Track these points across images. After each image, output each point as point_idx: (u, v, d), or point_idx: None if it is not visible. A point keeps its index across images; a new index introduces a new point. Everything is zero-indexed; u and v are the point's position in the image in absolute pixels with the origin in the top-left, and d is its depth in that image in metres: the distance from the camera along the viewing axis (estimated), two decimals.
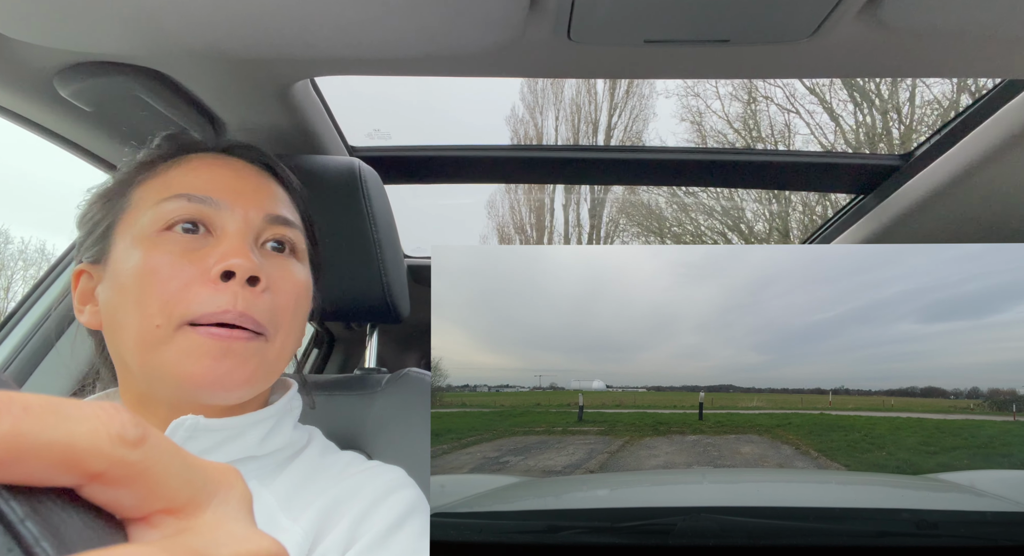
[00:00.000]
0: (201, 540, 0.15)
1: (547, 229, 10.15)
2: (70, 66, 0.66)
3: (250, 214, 0.52)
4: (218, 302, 0.48)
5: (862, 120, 6.55)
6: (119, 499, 0.14)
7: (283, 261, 0.54)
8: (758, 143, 7.63)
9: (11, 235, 8.46)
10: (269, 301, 0.50)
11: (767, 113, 7.55)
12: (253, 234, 0.52)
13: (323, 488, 0.54)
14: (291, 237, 0.55)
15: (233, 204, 0.52)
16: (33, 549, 0.12)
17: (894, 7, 0.55)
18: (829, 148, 7.00)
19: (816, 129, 7.07)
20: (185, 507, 0.15)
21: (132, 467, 0.14)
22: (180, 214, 0.51)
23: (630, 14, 0.56)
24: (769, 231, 7.08)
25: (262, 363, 0.50)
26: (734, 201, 7.57)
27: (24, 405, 0.13)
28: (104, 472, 0.14)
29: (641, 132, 9.56)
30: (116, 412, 0.14)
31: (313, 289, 0.59)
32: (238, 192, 0.53)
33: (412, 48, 0.62)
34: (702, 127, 8.05)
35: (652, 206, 8.28)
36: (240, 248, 0.49)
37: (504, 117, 10.05)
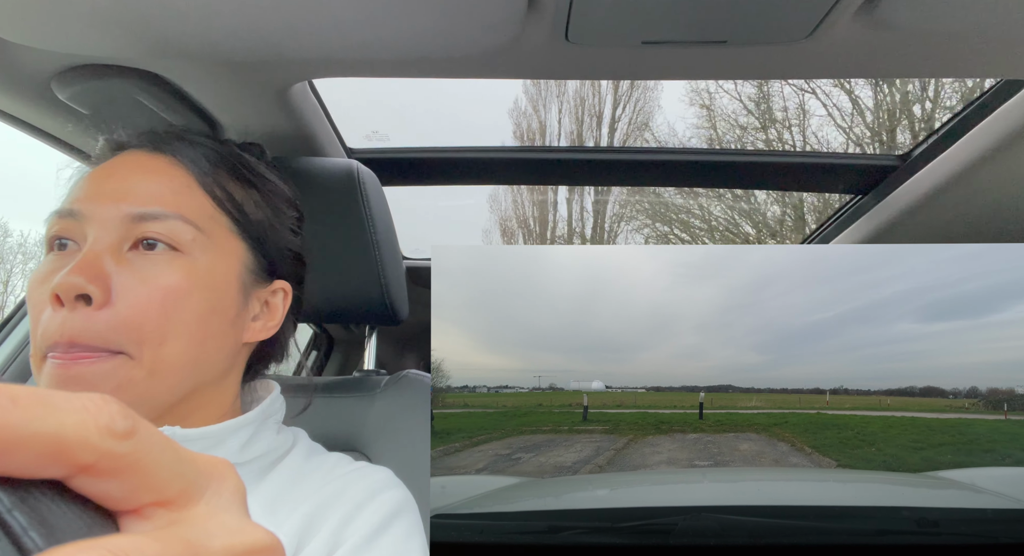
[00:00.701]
0: (193, 531, 0.15)
1: (550, 223, 10.09)
2: (68, 69, 0.66)
3: (110, 218, 0.48)
4: (48, 331, 0.45)
5: (882, 99, 6.39)
6: (109, 491, 0.14)
7: (153, 262, 0.48)
8: (772, 125, 7.45)
9: (10, 228, 8.44)
10: (111, 316, 0.45)
11: (781, 95, 7.35)
12: (116, 240, 0.48)
13: (307, 494, 0.52)
14: (162, 231, 0.49)
15: (93, 212, 0.48)
16: (21, 539, 0.12)
17: (891, 7, 0.55)
18: (847, 129, 6.85)
19: (833, 110, 6.87)
20: (177, 499, 0.15)
21: (122, 459, 0.14)
22: (55, 231, 0.49)
23: (627, 15, 0.56)
24: (782, 216, 6.91)
25: (126, 383, 0.46)
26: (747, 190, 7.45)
27: (12, 396, 0.13)
28: (93, 464, 0.14)
29: (646, 124, 9.45)
30: (105, 403, 0.14)
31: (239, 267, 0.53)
32: (102, 195, 0.49)
33: (410, 50, 0.62)
34: (712, 110, 7.87)
35: (659, 193, 8.16)
36: (82, 263, 0.46)
37: (507, 110, 9.94)
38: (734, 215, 7.54)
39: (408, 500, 0.55)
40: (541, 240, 10.06)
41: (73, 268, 0.45)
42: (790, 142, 7.38)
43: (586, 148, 1.41)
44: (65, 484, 0.14)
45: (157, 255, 0.49)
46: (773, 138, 7.48)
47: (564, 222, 10.06)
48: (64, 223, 0.49)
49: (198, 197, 0.52)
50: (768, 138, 7.52)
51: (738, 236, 7.59)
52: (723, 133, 7.90)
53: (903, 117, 6.19)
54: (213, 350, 0.51)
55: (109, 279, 0.46)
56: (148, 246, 0.49)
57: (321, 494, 0.52)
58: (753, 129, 7.68)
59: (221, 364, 0.53)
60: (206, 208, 0.52)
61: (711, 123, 7.95)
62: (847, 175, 1.07)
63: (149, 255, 0.48)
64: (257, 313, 0.55)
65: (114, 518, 0.15)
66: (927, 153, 0.95)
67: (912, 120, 6.04)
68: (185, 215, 0.50)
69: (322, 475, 0.55)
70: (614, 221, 9.56)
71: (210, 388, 0.53)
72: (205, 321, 0.50)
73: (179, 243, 0.49)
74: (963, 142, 0.87)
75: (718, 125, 7.94)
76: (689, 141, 8.22)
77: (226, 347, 0.52)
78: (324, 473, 0.55)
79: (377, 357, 0.96)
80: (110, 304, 0.46)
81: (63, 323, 0.45)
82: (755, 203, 7.19)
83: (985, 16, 0.55)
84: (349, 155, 1.02)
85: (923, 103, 5.99)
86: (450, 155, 1.07)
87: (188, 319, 0.48)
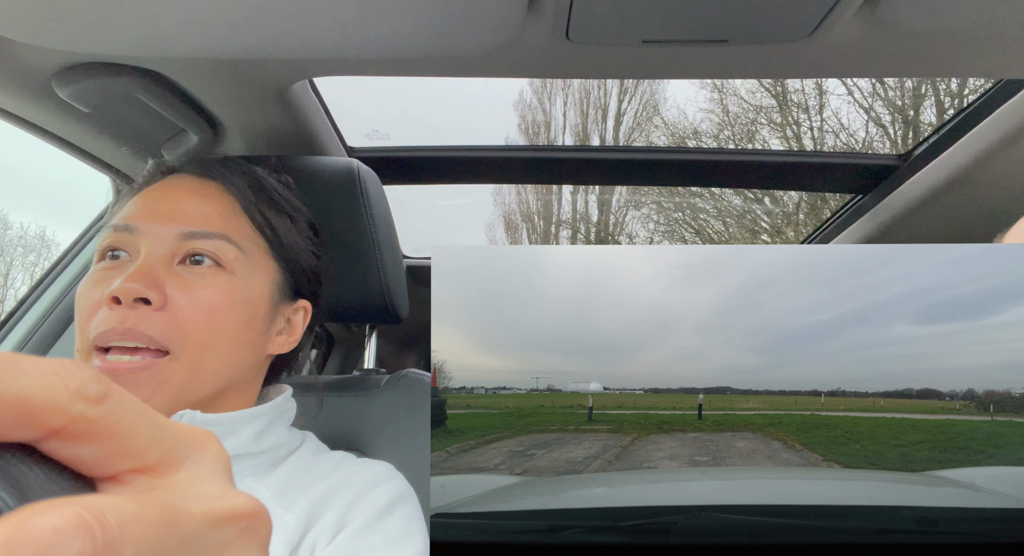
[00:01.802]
0: (173, 495, 0.14)
1: (555, 217, 10.02)
2: (68, 67, 0.66)
3: (163, 235, 0.54)
4: (108, 322, 0.50)
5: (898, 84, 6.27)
6: (84, 455, 0.14)
7: (200, 275, 0.54)
8: (789, 105, 7.29)
9: (10, 221, 8.42)
10: (166, 318, 0.51)
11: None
12: (167, 253, 0.54)
13: (314, 481, 0.57)
14: (209, 249, 0.55)
15: (148, 228, 0.55)
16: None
17: (892, 7, 0.55)
18: (868, 109, 6.74)
19: (854, 89, 6.73)
20: (156, 466, 0.15)
21: (94, 423, 0.14)
22: (107, 243, 0.55)
23: (628, 14, 0.57)
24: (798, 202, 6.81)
25: (166, 381, 0.51)
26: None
27: None
28: (64, 427, 0.13)
29: (655, 110, 9.34)
30: (76, 368, 0.14)
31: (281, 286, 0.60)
32: (157, 214, 0.56)
33: (410, 49, 0.62)
34: (724, 92, 7.71)
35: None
36: (140, 271, 0.51)
37: (512, 103, 9.84)
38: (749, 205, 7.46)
39: (409, 490, 0.59)
40: (546, 227, 9.98)
41: (131, 275, 0.51)
42: (807, 123, 7.28)
43: (587, 147, 1.41)
44: (38, 448, 0.14)
45: (203, 270, 0.55)
46: (790, 121, 7.39)
47: (569, 205, 9.95)
48: (120, 236, 0.55)
49: (241, 220, 0.58)
50: (785, 120, 7.42)
51: (743, 227, 7.50)
52: (735, 118, 7.78)
53: (926, 96, 6.07)
54: (244, 358, 0.56)
55: (164, 286, 0.52)
56: (195, 261, 0.55)
57: (328, 481, 0.56)
58: (768, 108, 7.53)
59: (248, 371, 0.58)
60: (247, 231, 0.58)
61: (723, 107, 7.84)
62: (847, 175, 1.07)
63: (196, 269, 0.54)
64: (281, 328, 0.61)
65: (92, 485, 0.15)
66: (927, 153, 0.95)
67: (939, 100, 5.93)
68: (230, 236, 0.56)
69: (328, 468, 0.59)
70: (620, 215, 9.49)
71: (234, 392, 0.58)
72: (240, 332, 0.55)
73: (223, 260, 0.55)
74: (963, 142, 0.87)
75: (730, 109, 7.83)
76: (700, 124, 8.11)
77: (254, 357, 0.58)
78: (331, 466, 0.59)
79: (377, 356, 0.96)
80: (166, 307, 0.52)
81: (123, 317, 0.50)
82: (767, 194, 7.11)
83: (985, 16, 0.56)
84: (349, 154, 1.02)
85: (938, 96, 5.91)
86: (451, 154, 1.07)
87: (227, 328, 0.54)
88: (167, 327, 0.51)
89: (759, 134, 7.73)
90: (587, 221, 9.79)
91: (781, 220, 7.28)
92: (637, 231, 9.24)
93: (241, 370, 0.57)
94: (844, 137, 7.05)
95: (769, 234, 7.48)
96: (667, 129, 8.77)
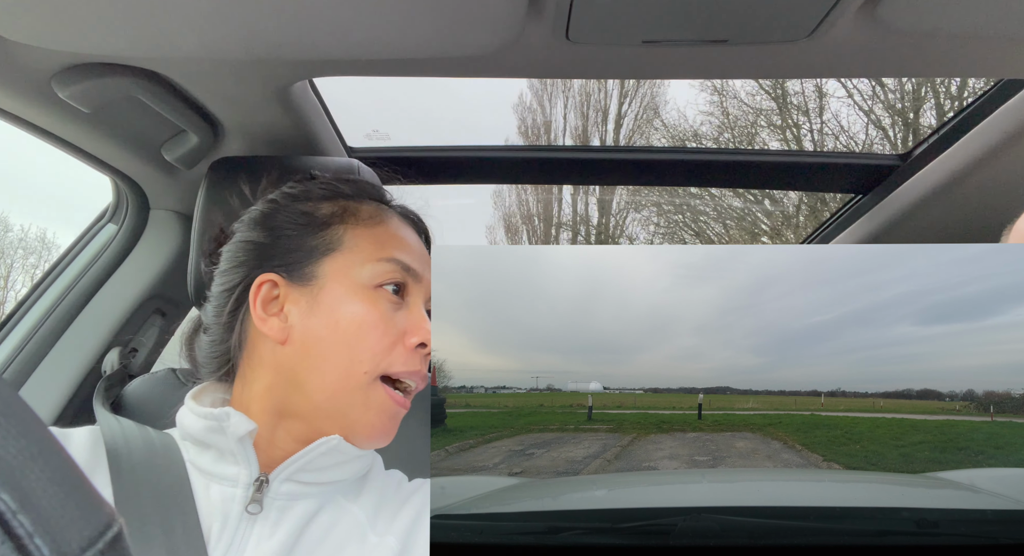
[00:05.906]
0: None
1: (555, 219, 9.99)
2: (68, 68, 0.66)
3: (425, 283, 0.62)
4: (413, 363, 0.58)
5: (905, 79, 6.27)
6: None
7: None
8: (789, 107, 7.28)
9: (10, 223, 8.42)
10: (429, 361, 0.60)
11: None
12: (425, 301, 0.61)
13: (400, 503, 0.62)
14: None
15: (420, 274, 0.61)
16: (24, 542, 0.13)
17: (892, 7, 0.55)
18: (867, 112, 6.77)
19: (854, 91, 6.76)
20: None
21: None
22: (392, 277, 0.59)
23: (628, 15, 0.56)
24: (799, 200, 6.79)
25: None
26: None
27: None
28: None
29: (656, 113, 9.31)
30: None
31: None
32: (422, 261, 0.62)
33: (410, 49, 0.62)
34: (723, 94, 7.71)
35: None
36: (424, 319, 0.59)
37: (512, 106, 9.81)
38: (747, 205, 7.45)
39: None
40: (546, 228, 9.95)
41: (425, 323, 0.59)
42: (807, 126, 7.29)
43: (587, 147, 1.41)
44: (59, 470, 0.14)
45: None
46: (790, 124, 7.39)
47: (569, 207, 9.93)
48: (402, 274, 0.59)
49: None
50: (785, 123, 7.43)
51: (744, 225, 7.47)
52: (735, 120, 7.77)
53: (927, 99, 6.07)
54: None
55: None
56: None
57: (412, 504, 0.63)
58: (768, 111, 7.53)
59: None
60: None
61: (722, 108, 7.83)
62: (847, 175, 1.07)
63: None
64: None
65: (94, 488, 0.15)
66: (927, 153, 0.95)
67: (939, 102, 5.91)
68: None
69: (408, 490, 0.65)
70: (620, 217, 9.48)
71: None
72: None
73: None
74: (963, 142, 0.87)
75: (730, 112, 7.82)
76: (700, 126, 8.11)
77: None
78: (410, 489, 0.65)
79: None
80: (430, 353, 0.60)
81: (423, 362, 0.59)
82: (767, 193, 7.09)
83: (985, 16, 0.56)
84: (350, 154, 1.02)
85: (938, 98, 5.89)
86: (451, 154, 1.07)
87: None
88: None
89: (759, 136, 7.72)
90: (587, 223, 9.76)
91: (781, 222, 7.26)
92: (637, 233, 9.22)
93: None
94: (844, 140, 7.05)
95: (769, 236, 7.44)
96: (667, 131, 8.75)
